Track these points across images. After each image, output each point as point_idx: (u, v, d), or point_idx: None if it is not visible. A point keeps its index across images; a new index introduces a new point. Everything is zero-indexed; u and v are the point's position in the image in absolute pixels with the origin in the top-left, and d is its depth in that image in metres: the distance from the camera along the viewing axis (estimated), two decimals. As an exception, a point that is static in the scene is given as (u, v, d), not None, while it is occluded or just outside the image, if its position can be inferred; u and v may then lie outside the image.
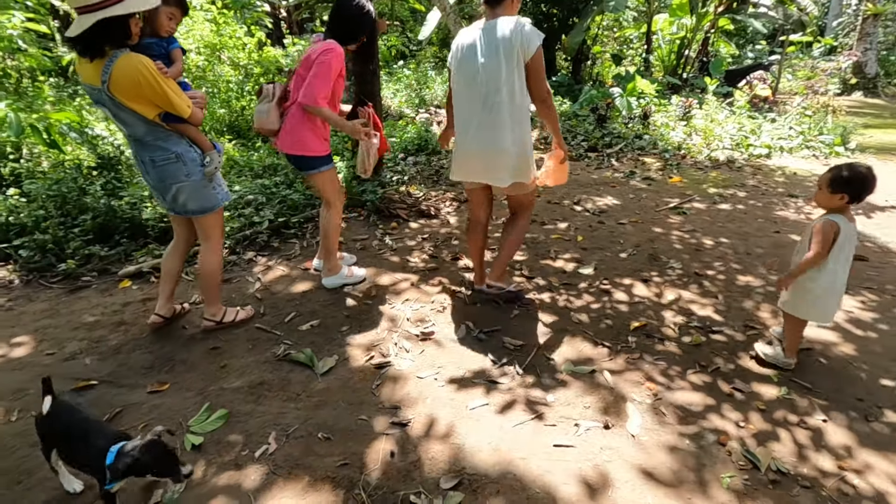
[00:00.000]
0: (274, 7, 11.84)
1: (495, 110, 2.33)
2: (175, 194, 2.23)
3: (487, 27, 2.32)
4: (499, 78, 2.28)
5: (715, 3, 9.73)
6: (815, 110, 7.28)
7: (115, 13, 1.83)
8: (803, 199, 4.63)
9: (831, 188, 2.06)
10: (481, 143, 2.41)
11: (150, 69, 1.94)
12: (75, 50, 1.92)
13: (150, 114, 2.03)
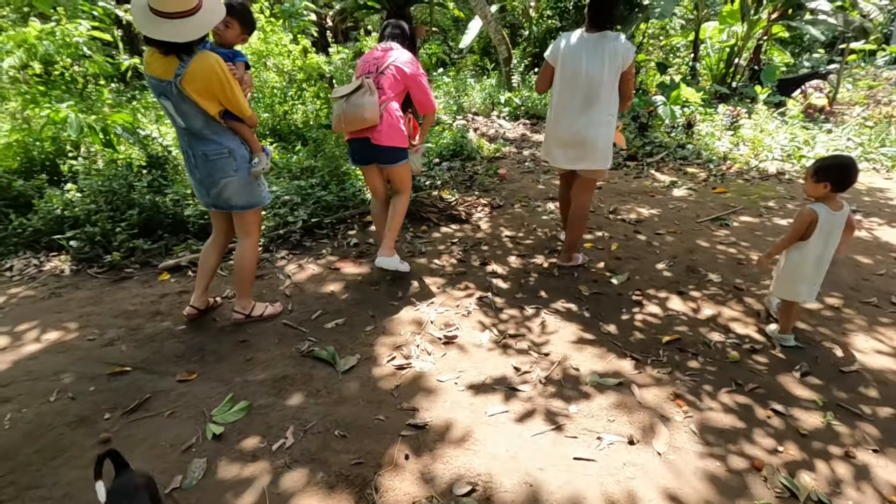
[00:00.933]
0: (320, 16, 12.22)
1: (591, 108, 2.82)
2: (221, 189, 2.32)
3: (591, 38, 2.77)
4: (601, 83, 2.76)
5: (769, 9, 9.34)
6: (877, 121, 6.83)
7: (217, 20, 2.05)
8: (860, 214, 4.34)
9: (815, 177, 2.22)
10: (572, 134, 2.90)
11: (224, 69, 2.10)
12: (156, 47, 2.03)
13: (213, 110, 2.15)
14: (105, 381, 2.18)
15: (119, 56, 8.38)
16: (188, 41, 2.00)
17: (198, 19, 1.99)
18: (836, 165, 2.20)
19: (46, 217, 3.51)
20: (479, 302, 2.89)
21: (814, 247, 2.29)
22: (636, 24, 9.59)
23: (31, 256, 3.39)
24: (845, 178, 2.19)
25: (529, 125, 8.23)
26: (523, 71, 10.41)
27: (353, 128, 2.75)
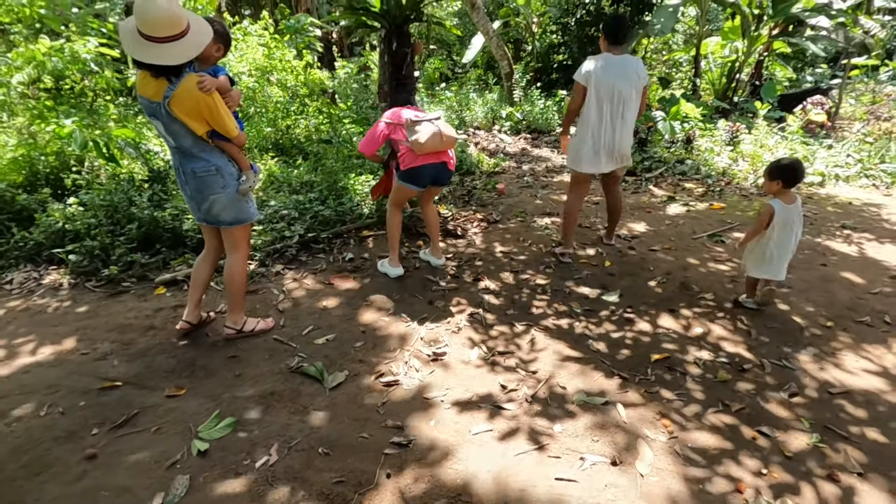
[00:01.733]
0: (326, 32, 12.42)
1: (625, 120, 3.36)
2: (210, 205, 2.36)
3: (619, 61, 3.27)
4: (630, 98, 3.30)
5: (769, 25, 9.40)
6: (877, 137, 6.83)
7: (203, 45, 2.10)
8: (858, 230, 4.33)
9: (769, 177, 2.75)
10: (615, 142, 3.41)
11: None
12: (146, 70, 2.10)
13: (201, 130, 2.20)
14: (95, 395, 2.20)
15: (127, 71, 8.57)
16: (177, 64, 2.05)
17: (186, 43, 2.05)
18: (785, 166, 2.71)
19: (48, 231, 3.57)
20: (469, 318, 2.90)
21: (773, 235, 2.79)
22: (638, 39, 9.68)
23: (31, 270, 3.44)
24: (793, 176, 2.70)
25: (530, 139, 8.29)
26: (525, 86, 10.51)
27: (447, 147, 3.09)
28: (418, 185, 3.16)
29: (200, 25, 2.13)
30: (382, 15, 4.19)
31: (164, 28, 1.98)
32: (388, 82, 4.48)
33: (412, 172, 3.09)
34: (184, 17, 2.04)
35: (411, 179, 3.13)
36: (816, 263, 3.68)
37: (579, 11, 10.47)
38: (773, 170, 2.74)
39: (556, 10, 11.12)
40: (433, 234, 3.59)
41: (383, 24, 4.27)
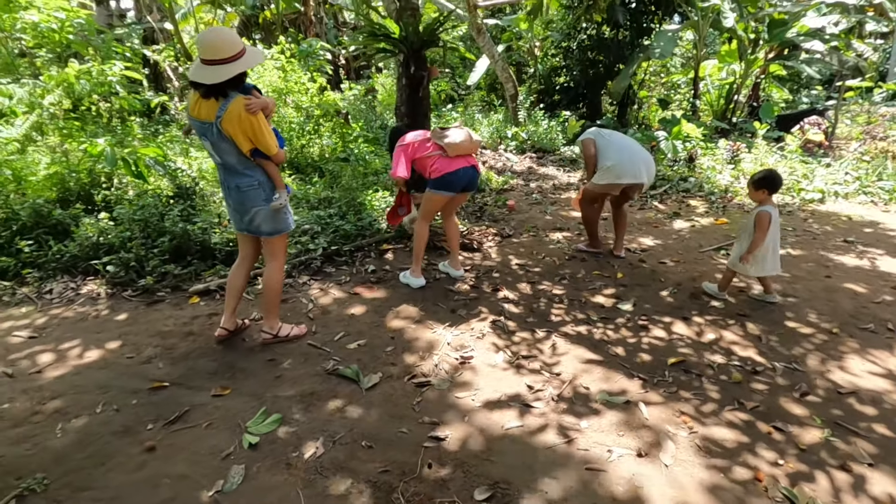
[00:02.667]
0: (335, 56, 12.81)
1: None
2: (252, 216, 2.54)
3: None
4: None
5: (765, 49, 9.74)
6: (874, 156, 7.05)
7: (249, 66, 2.32)
8: (860, 244, 4.49)
9: (755, 187, 3.16)
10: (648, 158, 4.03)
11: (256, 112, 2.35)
12: (198, 91, 2.33)
13: (245, 147, 2.39)
14: (146, 395, 2.33)
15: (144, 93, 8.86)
16: (219, 83, 2.27)
17: (231, 66, 2.26)
18: (768, 177, 3.14)
19: (83, 244, 3.73)
20: (492, 325, 3.04)
21: (770, 236, 3.16)
22: (638, 62, 10.01)
23: (68, 280, 3.59)
24: (775, 185, 3.14)
25: (535, 158, 8.52)
26: (529, 107, 10.81)
27: (475, 148, 3.43)
28: (453, 189, 3.35)
29: (252, 55, 2.34)
30: (401, 41, 4.43)
31: (212, 52, 2.23)
32: (406, 104, 4.70)
33: (447, 178, 3.30)
34: (230, 44, 2.26)
35: (446, 186, 3.33)
36: (821, 275, 3.83)
37: (580, 36, 10.84)
38: (759, 181, 3.15)
39: (557, 34, 11.50)
40: (454, 246, 3.76)
41: (402, 50, 4.51)
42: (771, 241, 3.20)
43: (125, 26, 9.81)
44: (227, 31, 2.39)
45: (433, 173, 3.33)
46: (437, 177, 3.32)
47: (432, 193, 3.40)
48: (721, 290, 3.41)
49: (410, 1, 4.58)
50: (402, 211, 3.75)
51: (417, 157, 3.38)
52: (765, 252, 3.20)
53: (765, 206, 3.15)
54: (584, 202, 4.12)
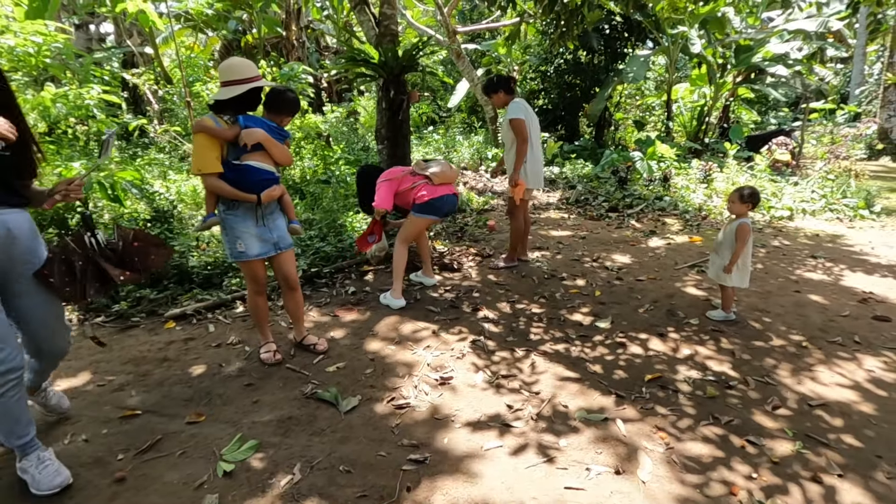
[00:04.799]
0: (316, 79, 12.93)
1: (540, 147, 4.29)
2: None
3: (527, 105, 4.09)
4: (538, 133, 4.22)
5: (733, 73, 10.16)
6: (838, 174, 7.35)
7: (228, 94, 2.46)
8: (827, 260, 4.65)
9: (741, 200, 3.27)
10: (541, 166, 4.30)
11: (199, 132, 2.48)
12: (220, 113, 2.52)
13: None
14: (117, 424, 2.28)
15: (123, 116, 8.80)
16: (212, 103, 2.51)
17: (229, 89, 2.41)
18: (756, 193, 3.29)
19: (56, 269, 3.65)
20: (472, 345, 3.05)
21: (750, 247, 3.31)
22: (613, 86, 10.33)
23: (39, 307, 3.50)
24: (758, 200, 3.31)
25: (516, 179, 8.65)
26: (509, 128, 11.00)
27: (455, 177, 3.72)
28: (438, 214, 3.58)
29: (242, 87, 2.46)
30: (381, 66, 4.52)
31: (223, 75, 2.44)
32: (386, 127, 4.77)
33: (434, 203, 3.51)
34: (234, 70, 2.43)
35: (433, 210, 3.53)
36: (790, 290, 3.94)
37: (557, 60, 11.16)
38: (749, 195, 3.29)
39: (535, 59, 11.82)
40: (425, 257, 4.03)
41: (382, 74, 4.59)
42: (748, 255, 3.33)
43: (105, 50, 9.80)
44: (236, 59, 2.53)
45: (419, 199, 3.50)
46: (423, 202, 3.49)
47: (418, 217, 3.55)
48: (727, 310, 3.41)
49: (390, 28, 4.68)
50: (371, 238, 3.80)
51: (401, 191, 3.56)
52: (746, 263, 3.31)
53: (743, 218, 3.28)
54: (516, 209, 4.27)
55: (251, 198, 2.54)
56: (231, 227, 2.57)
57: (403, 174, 3.60)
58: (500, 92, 4.08)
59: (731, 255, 3.26)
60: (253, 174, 2.53)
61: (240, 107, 2.50)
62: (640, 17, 9.38)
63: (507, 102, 4.06)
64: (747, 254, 3.31)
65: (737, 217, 3.31)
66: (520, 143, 3.94)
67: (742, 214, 3.30)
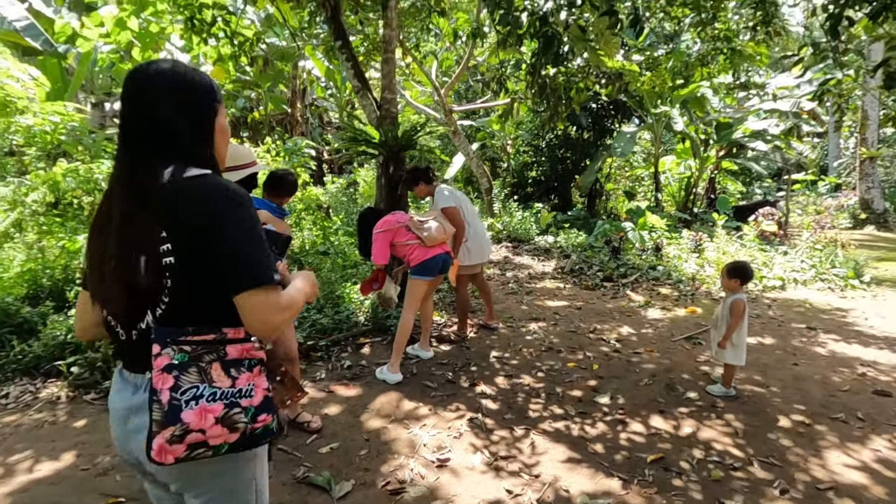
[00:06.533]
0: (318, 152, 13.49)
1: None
2: None
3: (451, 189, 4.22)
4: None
5: (716, 148, 10.69)
6: (825, 245, 7.53)
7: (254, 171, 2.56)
8: (822, 331, 4.66)
9: (728, 276, 3.33)
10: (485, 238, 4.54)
11: None
12: None
13: None
14: (99, 513, 2.17)
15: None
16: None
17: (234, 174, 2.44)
18: (740, 268, 3.34)
19: (48, 343, 3.62)
20: (469, 423, 2.98)
21: (745, 323, 3.30)
22: (602, 159, 10.80)
23: (27, 383, 3.44)
24: (746, 275, 3.34)
25: (511, 248, 8.81)
26: (503, 199, 11.37)
27: (448, 237, 3.73)
28: (432, 274, 3.62)
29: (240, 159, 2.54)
30: (381, 145, 4.76)
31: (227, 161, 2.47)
32: (385, 200, 4.94)
33: (426, 264, 3.56)
34: (233, 157, 2.48)
35: (426, 271, 3.58)
36: (789, 364, 3.93)
37: (548, 135, 11.74)
38: (732, 270, 3.34)
39: (527, 134, 12.44)
40: (426, 327, 4.02)
41: (382, 153, 4.83)
42: (744, 331, 3.32)
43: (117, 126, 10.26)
44: (234, 146, 2.62)
45: (412, 261, 3.59)
46: (416, 264, 3.58)
47: (416, 279, 3.61)
48: (727, 386, 3.37)
49: (390, 111, 4.98)
50: (375, 285, 3.85)
51: (395, 243, 3.62)
52: (741, 339, 3.29)
53: (737, 294, 3.31)
54: (459, 285, 4.45)
55: None
56: None
57: (399, 225, 3.61)
58: (420, 184, 4.08)
59: (726, 330, 3.27)
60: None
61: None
62: (625, 97, 10.00)
63: (431, 192, 4.07)
64: (743, 330, 3.30)
65: (731, 292, 3.36)
66: (457, 231, 3.87)
67: (734, 290, 3.34)
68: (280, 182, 2.81)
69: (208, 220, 1.03)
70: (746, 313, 3.32)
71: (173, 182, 1.05)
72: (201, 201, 1.04)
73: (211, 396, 1.01)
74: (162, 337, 1.02)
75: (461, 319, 4.54)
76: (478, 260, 4.44)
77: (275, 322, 1.05)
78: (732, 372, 3.38)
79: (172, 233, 1.03)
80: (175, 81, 1.12)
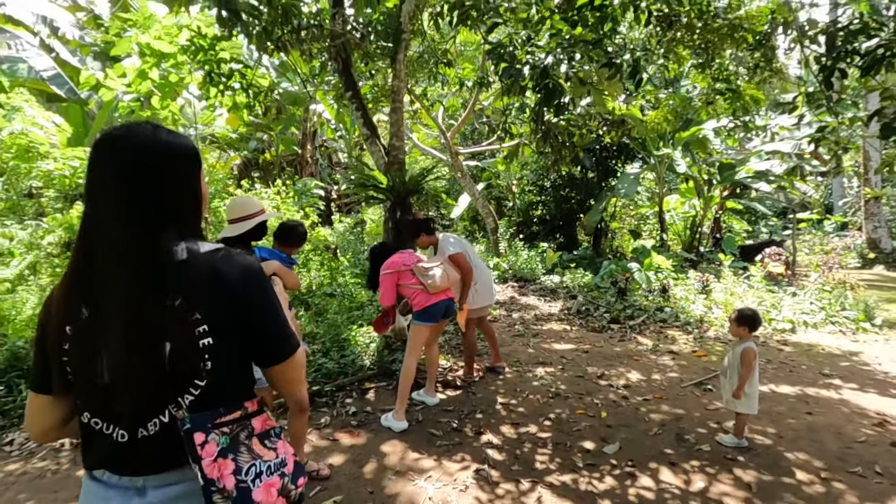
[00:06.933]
0: (327, 192, 13.76)
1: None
2: None
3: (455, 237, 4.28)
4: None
5: (720, 188, 10.79)
6: (834, 286, 7.47)
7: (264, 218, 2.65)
8: (835, 376, 4.58)
9: (737, 324, 3.25)
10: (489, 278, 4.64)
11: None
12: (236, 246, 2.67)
13: None
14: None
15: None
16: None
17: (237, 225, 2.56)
18: (749, 316, 3.23)
19: (57, 388, 3.64)
20: (475, 475, 2.93)
21: (756, 371, 3.23)
22: (607, 199, 10.92)
23: (33, 429, 3.43)
24: (755, 323, 3.23)
25: (517, 287, 8.82)
26: (509, 238, 11.46)
27: (452, 285, 3.74)
28: (435, 320, 3.64)
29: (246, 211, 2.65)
30: (389, 190, 4.88)
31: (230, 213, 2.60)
32: (392, 243, 5.01)
33: (429, 310, 3.59)
34: (242, 208, 2.56)
35: (429, 317, 3.59)
36: (802, 412, 3.85)
37: (552, 175, 11.93)
38: (740, 318, 3.26)
39: (532, 174, 12.65)
40: (432, 372, 4.01)
41: (389, 198, 4.94)
42: (757, 379, 3.27)
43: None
44: (241, 198, 2.79)
45: (416, 306, 3.61)
46: (419, 310, 3.60)
47: (418, 325, 3.63)
48: (739, 436, 3.30)
49: (398, 157, 5.14)
50: (387, 320, 3.90)
51: (401, 284, 3.67)
52: (753, 388, 3.23)
53: (746, 342, 3.24)
54: (467, 329, 4.34)
55: None
56: None
57: (405, 268, 3.64)
58: (421, 235, 4.11)
59: (738, 380, 3.22)
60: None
61: (248, 239, 2.69)
62: (628, 140, 10.21)
63: (434, 242, 4.12)
64: (754, 379, 3.25)
65: (740, 340, 3.32)
66: (465, 276, 3.90)
67: (744, 337, 3.29)
68: (291, 233, 2.91)
69: (246, 299, 1.02)
70: (757, 361, 3.28)
71: (195, 259, 1.01)
72: (236, 280, 1.02)
73: (267, 471, 1.01)
74: (202, 424, 0.97)
75: (467, 363, 4.52)
76: (485, 303, 4.48)
77: (301, 379, 1.14)
78: (744, 421, 3.31)
79: (209, 313, 0.99)
80: (163, 149, 1.04)
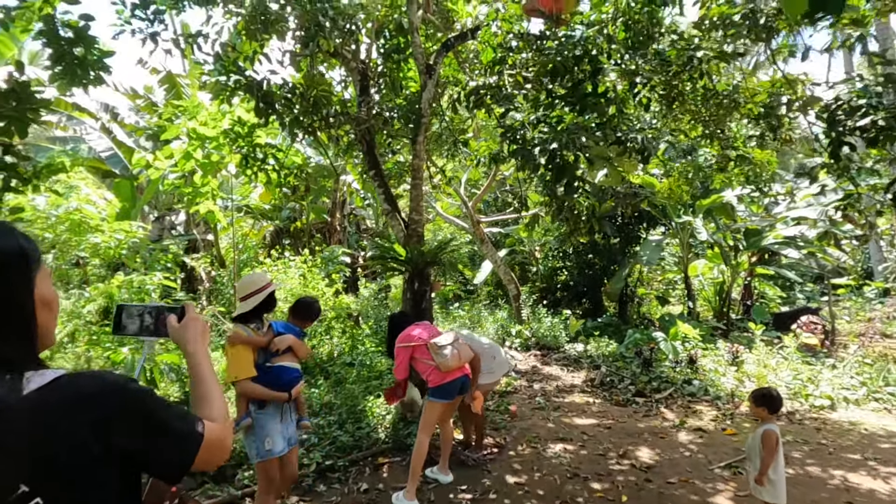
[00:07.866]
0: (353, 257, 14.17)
1: None
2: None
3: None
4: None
5: (748, 254, 10.60)
6: (875, 359, 7.07)
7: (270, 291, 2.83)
8: (879, 462, 4.26)
9: (755, 404, 3.10)
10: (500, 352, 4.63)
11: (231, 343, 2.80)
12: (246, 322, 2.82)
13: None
14: None
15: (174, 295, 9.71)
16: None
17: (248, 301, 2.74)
18: (767, 397, 3.10)
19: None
20: (485, 564, 2.82)
21: (780, 455, 3.02)
22: (630, 266, 10.87)
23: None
24: (775, 405, 3.10)
25: (540, 356, 8.67)
26: (532, 304, 11.41)
27: (465, 363, 3.69)
28: (449, 397, 3.60)
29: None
30: (407, 262, 5.06)
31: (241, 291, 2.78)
32: (410, 313, 5.12)
33: (444, 388, 3.59)
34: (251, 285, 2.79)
35: (443, 395, 3.59)
36: (841, 500, 3.58)
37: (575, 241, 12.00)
38: (759, 398, 3.13)
39: (555, 240, 12.76)
40: (445, 449, 3.94)
41: (408, 269, 5.11)
42: (782, 464, 3.07)
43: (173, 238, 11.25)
44: (248, 276, 2.97)
45: (430, 382, 3.63)
46: (433, 387, 3.61)
47: (433, 401, 3.63)
48: None
49: (417, 230, 5.36)
50: (399, 392, 3.92)
51: (416, 357, 3.69)
52: (778, 473, 3.03)
53: (768, 424, 3.07)
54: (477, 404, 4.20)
55: (283, 396, 2.75)
56: (262, 425, 2.72)
57: (420, 342, 3.66)
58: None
59: (761, 465, 3.04)
60: (285, 374, 2.80)
61: (260, 312, 2.85)
62: (648, 207, 10.30)
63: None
64: (779, 463, 3.06)
65: (761, 421, 3.15)
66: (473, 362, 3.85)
67: (764, 419, 3.13)
68: (308, 309, 3.06)
69: (111, 427, 0.89)
70: (780, 445, 3.12)
71: (13, 405, 0.83)
72: (88, 412, 0.88)
73: None
74: None
75: (478, 438, 4.43)
76: (500, 372, 4.50)
77: (225, 453, 1.03)
78: None
79: (39, 482, 0.83)
80: None
